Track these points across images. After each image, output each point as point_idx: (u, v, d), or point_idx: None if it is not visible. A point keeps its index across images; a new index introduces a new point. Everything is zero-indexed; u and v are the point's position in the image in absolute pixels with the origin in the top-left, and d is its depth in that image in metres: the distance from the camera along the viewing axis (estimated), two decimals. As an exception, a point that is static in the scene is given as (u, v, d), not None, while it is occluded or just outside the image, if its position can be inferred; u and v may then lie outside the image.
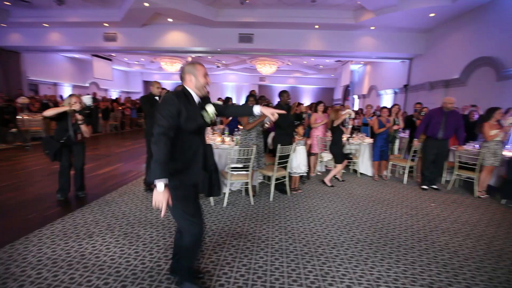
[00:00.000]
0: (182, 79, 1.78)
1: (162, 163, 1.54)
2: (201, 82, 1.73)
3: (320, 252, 2.54)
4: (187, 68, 1.75)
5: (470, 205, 4.01)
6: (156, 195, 1.54)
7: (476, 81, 7.44)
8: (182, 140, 1.69)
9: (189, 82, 1.73)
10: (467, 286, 2.15)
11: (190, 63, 1.78)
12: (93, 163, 5.72)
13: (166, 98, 1.66)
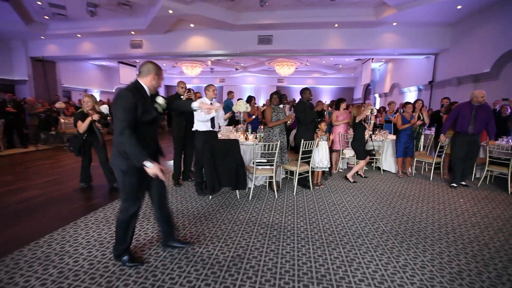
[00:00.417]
0: (142, 74, 2.00)
1: (139, 148, 1.84)
2: (159, 84, 2.06)
3: (346, 241, 2.60)
4: (153, 68, 1.99)
5: (503, 201, 3.86)
6: (150, 170, 1.88)
7: (509, 74, 7.07)
8: (137, 130, 1.91)
9: (148, 79, 1.99)
10: (498, 275, 2.12)
11: (156, 65, 2.03)
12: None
13: (121, 94, 1.88)
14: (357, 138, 4.55)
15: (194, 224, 2.91)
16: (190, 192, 3.98)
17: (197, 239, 2.59)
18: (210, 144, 3.45)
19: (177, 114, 4.12)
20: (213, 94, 3.74)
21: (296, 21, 9.39)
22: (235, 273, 2.08)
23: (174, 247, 2.40)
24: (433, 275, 2.11)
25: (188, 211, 3.27)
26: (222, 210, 3.32)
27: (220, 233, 2.72)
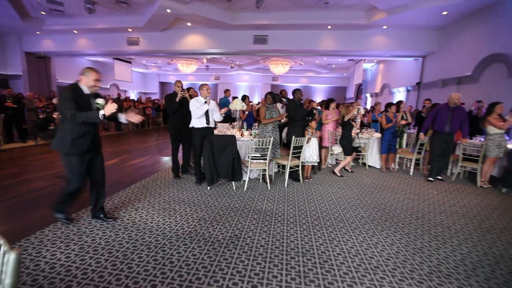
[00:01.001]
0: (79, 76, 2.56)
1: (89, 115, 2.43)
2: (90, 84, 2.53)
3: (329, 224, 2.98)
4: (84, 71, 2.54)
5: (471, 193, 4.31)
6: (108, 110, 2.40)
7: (489, 78, 7.56)
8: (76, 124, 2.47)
9: (81, 80, 2.54)
10: (453, 250, 2.53)
11: (87, 68, 2.56)
12: (124, 156, 6.40)
13: (62, 91, 2.48)
14: (345, 135, 4.94)
15: (195, 211, 3.25)
16: (189, 183, 4.31)
17: (198, 223, 2.93)
18: (210, 139, 3.78)
19: (173, 112, 4.38)
20: (207, 93, 4.04)
21: (291, 22, 9.72)
22: (233, 249, 2.43)
23: (99, 218, 2.90)
24: (399, 250, 2.50)
25: (188, 200, 3.60)
26: (219, 199, 3.66)
27: (218, 218, 3.07)
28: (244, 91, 20.93)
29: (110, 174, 4.73)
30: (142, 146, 8.03)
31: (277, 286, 1.97)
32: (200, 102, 3.99)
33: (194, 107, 3.92)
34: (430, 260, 2.37)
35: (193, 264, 2.19)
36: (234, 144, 3.92)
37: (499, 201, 3.99)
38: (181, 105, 4.26)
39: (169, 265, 2.16)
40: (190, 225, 2.88)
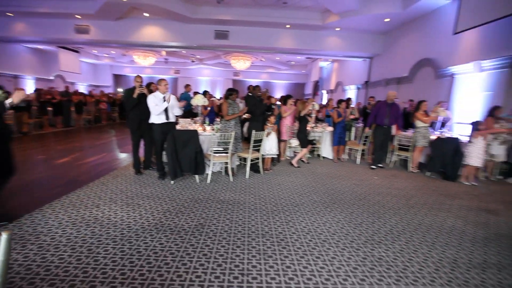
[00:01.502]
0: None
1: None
2: None
3: (286, 209, 3.33)
4: None
5: (403, 177, 5.10)
6: (16, 98, 2.50)
7: (421, 79, 8.75)
8: None
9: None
10: (386, 222, 3.07)
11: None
12: (78, 154, 6.04)
13: None
14: (301, 129, 5.38)
15: (160, 204, 3.33)
16: (152, 179, 4.32)
17: (163, 215, 3.04)
18: (173, 134, 3.85)
19: (131, 108, 4.31)
20: (165, 89, 4.07)
21: (252, 19, 9.94)
22: (198, 235, 2.62)
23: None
24: (343, 226, 2.95)
25: (152, 194, 3.65)
26: (183, 192, 3.78)
27: (183, 209, 3.21)
28: (205, 86, 20.65)
29: (64, 172, 4.53)
30: (97, 143, 7.59)
31: (240, 263, 2.22)
32: (158, 97, 4.01)
33: (152, 103, 3.94)
34: (366, 232, 2.85)
35: (160, 252, 2.32)
36: (196, 139, 4.05)
37: (424, 183, 4.81)
38: (140, 100, 4.21)
39: (137, 255, 2.27)
40: (156, 217, 2.97)
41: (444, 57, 7.61)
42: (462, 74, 6.96)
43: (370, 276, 2.13)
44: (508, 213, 3.62)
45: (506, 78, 5.69)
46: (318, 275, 2.11)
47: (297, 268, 2.19)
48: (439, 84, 7.80)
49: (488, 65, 6.15)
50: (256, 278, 2.04)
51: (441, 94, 7.59)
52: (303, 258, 2.33)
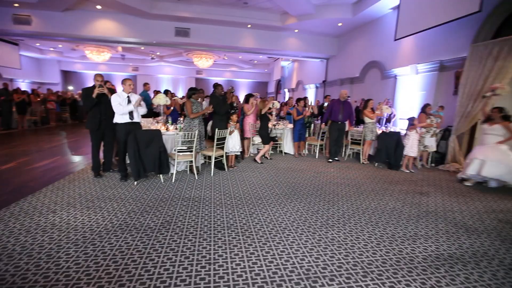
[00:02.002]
0: None
1: None
2: None
3: (250, 203, 3.54)
4: None
5: (356, 168, 5.66)
6: None
7: (370, 79, 9.65)
8: None
9: None
10: (339, 208, 3.46)
11: None
12: (25, 158, 5.54)
13: None
14: (263, 126, 5.64)
15: (123, 205, 3.29)
16: (114, 180, 4.19)
17: (128, 215, 3.02)
18: (134, 134, 3.80)
19: (89, 108, 4.12)
20: (129, 89, 3.99)
21: (213, 18, 9.93)
22: (165, 232, 2.68)
23: None
24: (302, 214, 3.25)
25: (114, 196, 3.57)
26: (148, 192, 3.76)
27: (148, 209, 3.22)
28: (167, 84, 19.98)
29: (10, 179, 4.19)
30: (47, 146, 6.98)
31: (207, 254, 2.36)
32: (121, 97, 3.92)
33: (116, 103, 3.83)
34: (322, 218, 3.18)
35: (127, 251, 2.35)
36: (159, 138, 4.04)
37: (372, 172, 5.41)
38: (100, 100, 4.05)
39: (102, 255, 2.27)
40: (120, 218, 2.95)
41: (388, 60, 8.52)
42: (403, 76, 7.88)
43: (323, 255, 2.43)
44: (436, 194, 4.29)
45: (435, 80, 6.62)
46: (279, 258, 2.34)
47: (260, 253, 2.40)
48: (385, 84, 8.71)
49: (422, 68, 7.07)
50: (222, 266, 2.20)
51: (387, 93, 8.50)
52: (266, 244, 2.55)
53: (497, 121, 4.39)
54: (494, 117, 4.43)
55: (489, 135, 4.49)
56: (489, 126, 4.50)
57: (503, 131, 4.36)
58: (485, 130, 4.58)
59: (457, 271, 2.29)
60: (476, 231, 3.05)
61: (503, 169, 4.26)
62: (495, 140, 4.42)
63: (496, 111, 4.42)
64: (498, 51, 4.87)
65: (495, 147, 4.39)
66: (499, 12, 5.15)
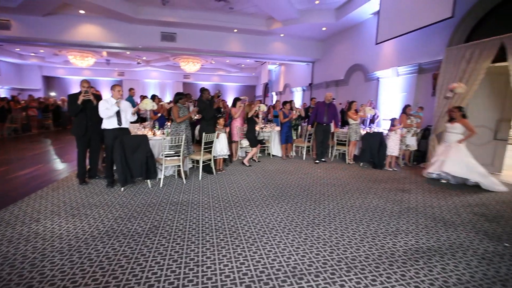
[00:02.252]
0: None
1: None
2: None
3: (238, 205, 3.58)
4: None
5: (342, 168, 5.81)
6: None
7: (354, 82, 9.92)
8: None
9: None
10: (325, 207, 3.56)
11: None
12: (6, 166, 5.37)
13: None
14: (250, 130, 5.71)
15: (110, 212, 3.26)
16: (100, 187, 4.14)
17: (115, 221, 3.00)
18: (121, 139, 3.78)
19: (74, 114, 4.08)
20: (118, 94, 4.00)
21: (199, 22, 9.97)
22: (153, 237, 2.69)
23: None
24: (289, 214, 3.33)
25: (101, 203, 3.53)
26: (135, 198, 3.74)
27: (136, 214, 3.21)
28: (154, 88, 19.80)
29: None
30: (29, 154, 6.77)
31: (195, 256, 2.38)
32: (110, 103, 3.91)
33: (103, 108, 3.82)
34: (308, 217, 3.27)
35: (114, 257, 2.35)
36: (146, 143, 4.03)
37: (358, 172, 5.57)
38: (85, 106, 4.02)
39: (88, 263, 2.26)
40: (106, 225, 2.93)
41: (371, 63, 8.81)
42: (385, 78, 8.17)
43: (309, 252, 2.51)
44: (417, 191, 4.47)
45: (415, 82, 6.91)
46: (266, 257, 2.40)
47: (248, 254, 2.45)
48: (368, 86, 8.99)
49: (402, 70, 7.36)
50: (210, 267, 2.23)
51: (370, 95, 8.77)
52: (253, 245, 2.60)
53: (457, 119, 4.60)
54: (455, 116, 4.64)
55: (451, 133, 4.70)
56: (451, 125, 4.71)
57: (463, 129, 4.59)
58: (447, 128, 4.78)
59: (434, 262, 2.41)
60: (453, 225, 3.22)
61: (463, 167, 4.48)
62: (456, 138, 4.64)
63: (456, 110, 4.63)
64: (470, 54, 5.16)
65: (455, 146, 4.59)
66: (470, 18, 5.46)
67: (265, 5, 8.56)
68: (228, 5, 9.04)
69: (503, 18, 5.03)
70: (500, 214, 3.56)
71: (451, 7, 4.89)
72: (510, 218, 3.44)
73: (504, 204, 3.95)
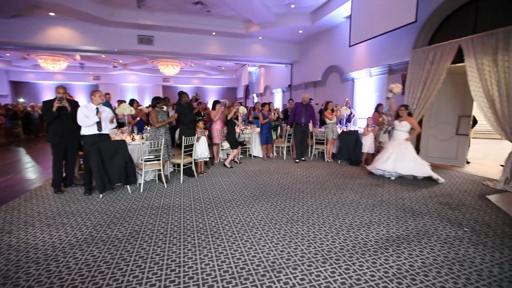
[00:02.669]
0: None
1: None
2: None
3: (219, 206, 3.64)
4: None
5: (321, 167, 6.03)
6: None
7: (331, 82, 10.27)
8: None
9: None
10: (304, 204, 3.70)
11: None
12: (-29, 178, 5.06)
13: None
14: (230, 132, 5.78)
15: (88, 219, 3.21)
16: (77, 195, 4.04)
17: (94, 229, 2.96)
18: (97, 145, 3.71)
19: (49, 122, 3.96)
20: (99, 100, 3.94)
21: (177, 26, 9.90)
22: (134, 242, 2.69)
23: None
24: (269, 212, 3.44)
25: (78, 211, 3.45)
26: (115, 204, 3.69)
27: (115, 220, 3.18)
28: (132, 92, 19.29)
29: None
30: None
31: (176, 257, 2.42)
32: (90, 109, 3.82)
33: (82, 115, 3.74)
34: (287, 214, 3.39)
35: (93, 263, 2.33)
36: (125, 148, 3.99)
37: (336, 169, 5.80)
38: (60, 113, 3.91)
39: (67, 271, 2.23)
40: (85, 232, 2.88)
41: (346, 65, 9.18)
42: (359, 79, 8.55)
43: (288, 247, 2.62)
44: (389, 184, 4.74)
45: (386, 82, 7.31)
46: (247, 254, 2.49)
47: (229, 252, 2.52)
48: (344, 86, 9.36)
49: (375, 71, 7.75)
50: (192, 267, 2.28)
51: (346, 95, 9.12)
52: (234, 243, 2.68)
53: (404, 118, 4.86)
54: (402, 115, 4.89)
55: (399, 131, 4.92)
56: (399, 122, 4.94)
57: (409, 126, 4.84)
58: (396, 126, 5.00)
59: (402, 249, 2.61)
60: (421, 214, 3.47)
61: (414, 165, 4.68)
62: (404, 135, 4.87)
63: (403, 109, 4.89)
64: (433, 56, 5.56)
65: (404, 145, 4.82)
66: (432, 22, 5.88)
67: (242, 8, 8.68)
68: (206, 8, 9.07)
69: (460, 22, 5.47)
70: (462, 203, 3.88)
71: (414, 13, 5.26)
72: (471, 206, 3.76)
73: (466, 193, 4.30)
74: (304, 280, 2.13)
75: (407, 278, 2.16)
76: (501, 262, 2.41)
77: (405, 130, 4.87)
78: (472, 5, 5.25)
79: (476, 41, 4.73)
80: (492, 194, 4.21)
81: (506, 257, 2.48)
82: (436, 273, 2.24)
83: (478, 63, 4.68)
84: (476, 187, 4.60)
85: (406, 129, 4.87)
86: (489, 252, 2.57)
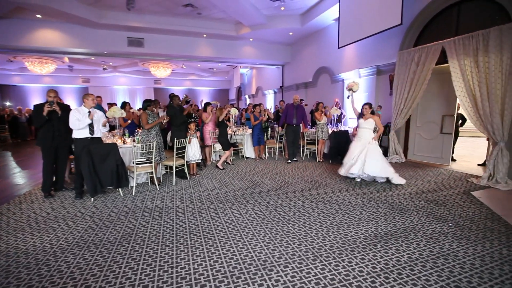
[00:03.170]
0: None
1: None
2: None
3: (212, 207, 3.67)
4: None
5: (312, 167, 6.12)
6: None
7: (322, 83, 10.42)
8: None
9: None
10: (295, 204, 3.77)
11: None
12: (-43, 184, 4.94)
13: None
14: (222, 133, 5.81)
15: (80, 223, 3.19)
16: (68, 199, 4.00)
17: (85, 232, 2.95)
18: (88, 149, 3.70)
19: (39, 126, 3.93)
20: (92, 103, 3.92)
21: (168, 28, 9.88)
22: (126, 244, 2.70)
23: None
24: (261, 212, 3.49)
25: (69, 215, 3.43)
26: (107, 207, 3.68)
27: (107, 224, 3.17)
28: (123, 95, 19.09)
29: None
30: (-18, 170, 6.27)
31: (169, 259, 2.44)
32: (82, 112, 3.80)
33: (74, 118, 3.71)
34: (279, 214, 3.45)
35: (85, 267, 2.33)
36: (116, 151, 3.98)
37: (327, 169, 5.90)
38: (50, 117, 3.87)
39: (58, 275, 2.23)
40: (76, 236, 2.87)
41: (335, 66, 9.34)
42: (349, 80, 8.70)
43: (279, 246, 2.68)
44: (378, 183, 4.87)
45: (374, 82, 7.48)
46: (239, 254, 2.53)
47: (221, 252, 2.56)
48: (334, 87, 9.51)
49: (363, 72, 7.92)
50: (185, 268, 2.31)
51: (337, 95, 9.28)
52: (226, 243, 2.72)
53: (368, 116, 4.86)
54: (365, 113, 4.89)
55: (364, 129, 4.89)
56: (364, 120, 4.91)
57: (374, 124, 4.86)
58: (361, 124, 4.96)
59: (390, 245, 2.70)
60: (408, 211, 3.58)
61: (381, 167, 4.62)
62: (369, 133, 4.84)
63: (367, 107, 4.90)
64: (418, 57, 5.73)
65: (372, 145, 4.77)
66: (417, 25, 6.07)
67: (232, 10, 8.74)
68: (196, 10, 9.09)
69: (443, 24, 5.66)
70: (448, 199, 4.02)
71: (399, 15, 5.42)
72: (456, 202, 3.90)
73: (452, 189, 4.45)
74: (295, 277, 2.19)
75: (393, 273, 2.24)
76: (483, 255, 2.52)
77: (371, 127, 4.86)
78: (454, 7, 5.44)
79: (458, 43, 4.91)
80: (476, 190, 4.37)
81: (487, 250, 2.59)
82: (422, 267, 2.33)
83: (460, 64, 4.86)
84: (461, 184, 4.76)
85: (371, 126, 4.86)
86: (471, 246, 2.68)
